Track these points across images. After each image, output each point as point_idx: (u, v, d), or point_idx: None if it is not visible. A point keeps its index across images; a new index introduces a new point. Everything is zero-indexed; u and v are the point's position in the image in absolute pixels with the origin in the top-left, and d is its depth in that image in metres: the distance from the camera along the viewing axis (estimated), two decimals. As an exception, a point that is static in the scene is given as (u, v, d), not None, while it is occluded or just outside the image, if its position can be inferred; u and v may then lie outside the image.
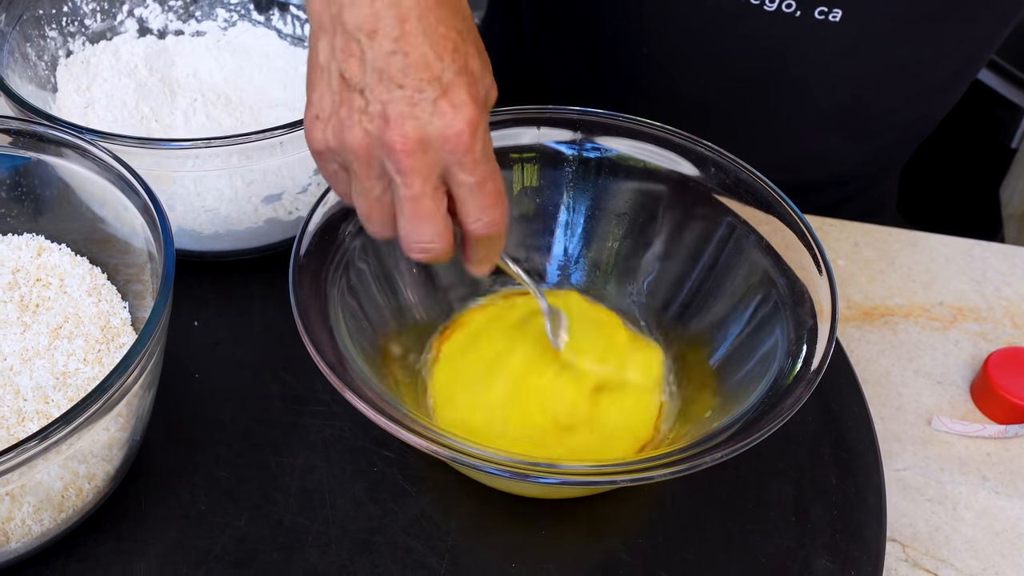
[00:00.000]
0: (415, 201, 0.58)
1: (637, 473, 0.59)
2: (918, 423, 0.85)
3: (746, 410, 0.64)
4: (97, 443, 0.65)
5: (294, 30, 0.97)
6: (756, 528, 0.72)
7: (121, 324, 0.74)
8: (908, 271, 0.97)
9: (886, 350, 0.90)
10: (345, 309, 0.70)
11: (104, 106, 0.88)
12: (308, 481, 0.73)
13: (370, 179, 0.58)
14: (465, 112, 0.56)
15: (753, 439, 0.60)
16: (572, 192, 0.80)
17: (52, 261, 0.76)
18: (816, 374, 0.63)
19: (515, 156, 0.79)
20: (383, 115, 0.56)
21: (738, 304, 0.74)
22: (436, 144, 0.56)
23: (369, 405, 0.61)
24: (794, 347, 0.67)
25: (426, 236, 0.59)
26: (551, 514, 0.72)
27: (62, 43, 0.91)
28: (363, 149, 0.57)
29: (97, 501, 0.68)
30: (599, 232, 0.81)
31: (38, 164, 0.75)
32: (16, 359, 0.70)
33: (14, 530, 0.64)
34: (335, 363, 0.63)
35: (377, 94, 0.56)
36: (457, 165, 0.57)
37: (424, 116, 0.56)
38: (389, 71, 0.55)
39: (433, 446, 0.59)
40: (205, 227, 0.82)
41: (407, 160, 0.56)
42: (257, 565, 0.68)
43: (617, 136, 0.78)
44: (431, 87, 0.56)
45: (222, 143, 0.75)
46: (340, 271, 0.71)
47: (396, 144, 0.56)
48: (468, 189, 0.58)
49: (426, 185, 0.57)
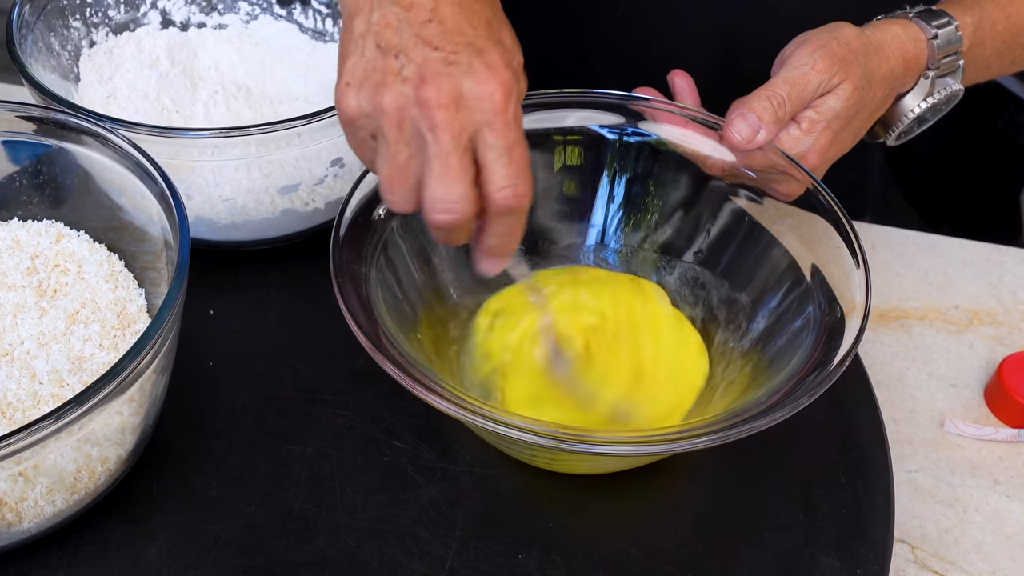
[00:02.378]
0: (444, 159, 0.57)
1: (674, 442, 0.61)
2: (931, 426, 0.85)
3: (779, 385, 0.65)
4: (110, 426, 0.66)
5: (315, 24, 0.98)
6: (764, 525, 0.72)
7: (137, 311, 0.75)
8: (925, 274, 0.97)
9: (901, 352, 0.90)
10: (383, 286, 0.70)
11: (126, 96, 0.90)
12: (319, 469, 0.73)
13: (399, 143, 0.58)
14: (500, 74, 0.57)
15: (790, 410, 0.61)
16: (612, 175, 0.81)
17: (71, 247, 0.78)
18: (849, 355, 0.64)
19: (558, 138, 0.80)
20: (419, 75, 0.57)
21: (770, 289, 0.75)
22: (470, 102, 0.57)
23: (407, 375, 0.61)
24: (826, 324, 0.68)
25: (453, 195, 0.58)
26: (559, 508, 0.73)
27: (85, 33, 0.93)
28: (396, 110, 0.58)
29: (109, 484, 0.69)
30: (637, 215, 0.82)
31: (59, 152, 0.77)
32: (33, 343, 0.71)
33: (27, 510, 0.65)
34: (372, 335, 0.64)
35: (413, 56, 0.57)
36: (487, 126, 0.58)
37: (459, 74, 0.57)
38: (425, 35, 0.57)
39: (470, 415, 0.60)
40: (222, 216, 0.83)
41: (440, 114, 0.57)
42: (266, 550, 0.69)
43: (659, 121, 0.79)
44: (466, 50, 0.57)
45: (240, 133, 0.76)
46: (378, 249, 0.72)
47: (431, 100, 0.56)
48: (496, 153, 0.58)
49: (457, 142, 0.57)
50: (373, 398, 0.77)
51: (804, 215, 0.74)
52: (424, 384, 0.61)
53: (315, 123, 0.77)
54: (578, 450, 0.60)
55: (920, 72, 0.82)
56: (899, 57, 0.80)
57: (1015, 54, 0.88)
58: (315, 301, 0.65)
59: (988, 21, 0.84)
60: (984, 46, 0.85)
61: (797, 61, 0.77)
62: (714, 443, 0.59)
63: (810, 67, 0.76)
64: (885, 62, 0.80)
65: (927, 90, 0.82)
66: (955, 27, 0.81)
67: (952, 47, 0.82)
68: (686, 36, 0.98)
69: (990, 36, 0.85)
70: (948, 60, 0.82)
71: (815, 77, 0.76)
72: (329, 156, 0.82)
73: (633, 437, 0.61)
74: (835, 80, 0.76)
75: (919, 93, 0.83)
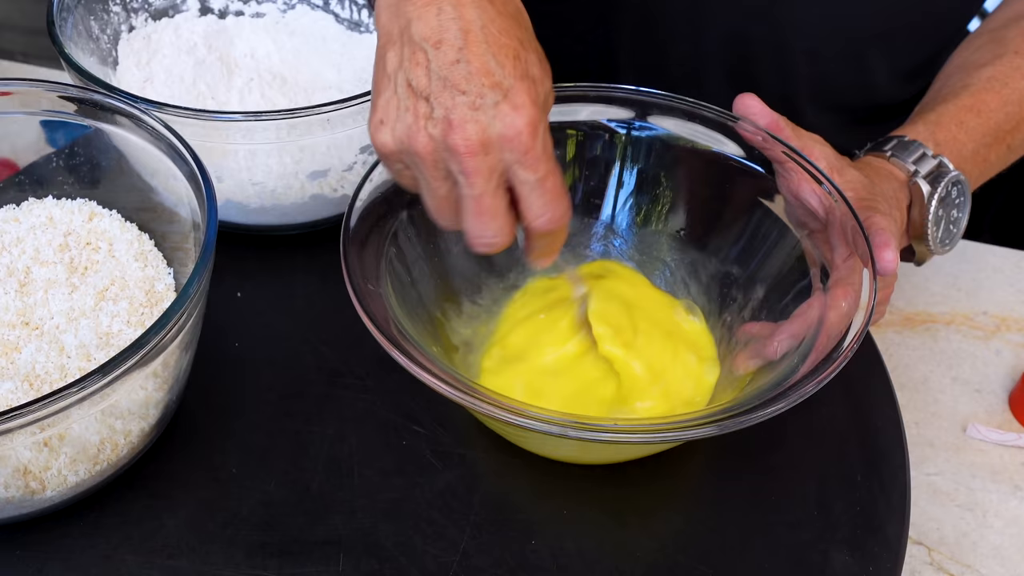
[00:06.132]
0: (478, 200, 0.61)
1: (686, 429, 0.62)
2: (953, 430, 0.85)
3: (785, 375, 0.66)
4: (134, 400, 0.68)
5: (351, 15, 1.00)
6: (778, 520, 0.73)
7: (165, 289, 0.77)
8: (954, 280, 0.97)
9: (925, 356, 0.91)
10: (393, 277, 0.72)
11: (162, 81, 0.92)
12: (338, 451, 0.75)
13: (436, 179, 0.62)
14: (525, 113, 0.60)
15: (793, 400, 0.62)
16: (620, 169, 0.82)
17: (102, 226, 0.80)
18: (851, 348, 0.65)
19: (571, 132, 0.82)
20: (447, 120, 0.60)
21: (778, 284, 0.76)
22: (497, 145, 0.60)
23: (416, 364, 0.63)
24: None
25: (489, 232, 0.63)
26: (573, 496, 0.74)
27: (125, 18, 0.95)
28: (428, 153, 0.61)
29: (132, 457, 0.71)
30: (644, 208, 0.83)
31: (96, 133, 0.79)
32: (63, 318, 0.73)
33: (50, 479, 0.67)
34: (383, 324, 0.66)
35: (441, 101, 0.60)
36: (518, 164, 0.61)
37: (485, 119, 0.59)
38: (453, 78, 0.59)
39: (479, 402, 0.62)
40: (252, 200, 0.85)
41: (470, 161, 0.60)
42: (282, 528, 0.70)
43: (668, 116, 0.80)
44: (492, 92, 0.59)
45: (271, 117, 0.78)
46: (388, 241, 0.73)
47: (459, 147, 0.60)
48: (530, 187, 0.62)
49: (488, 184, 0.61)
50: (395, 383, 0.78)
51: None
52: (427, 368, 0.63)
53: (345, 109, 0.79)
54: (580, 437, 0.61)
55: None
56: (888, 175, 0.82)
57: (1007, 142, 0.89)
58: (341, 286, 0.66)
59: (950, 136, 0.86)
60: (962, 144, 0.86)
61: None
62: (717, 432, 0.60)
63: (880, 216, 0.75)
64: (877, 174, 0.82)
65: (929, 190, 0.82)
66: (930, 154, 0.83)
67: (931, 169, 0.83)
68: (701, 38, 0.99)
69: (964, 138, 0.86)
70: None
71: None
72: (359, 143, 0.84)
73: (632, 426, 0.62)
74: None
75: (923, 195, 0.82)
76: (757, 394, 0.65)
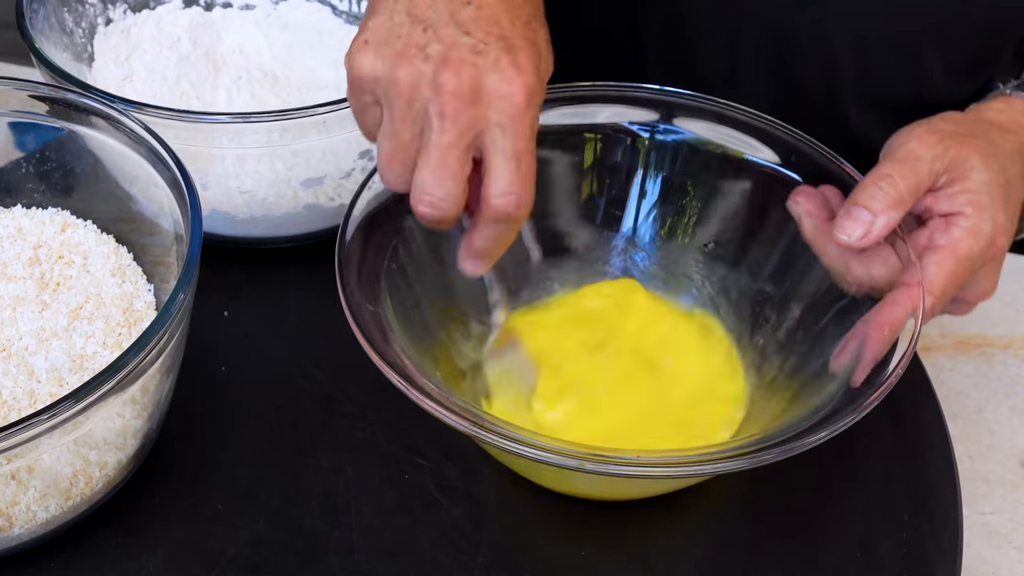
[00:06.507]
0: (444, 151, 0.60)
1: (716, 462, 0.61)
2: (1010, 464, 0.85)
3: (820, 406, 0.66)
4: (110, 429, 0.68)
5: (350, 7, 1.00)
6: (816, 563, 0.72)
7: (144, 307, 0.77)
8: (1012, 299, 0.97)
9: (980, 383, 0.90)
10: (393, 295, 0.72)
11: (143, 79, 0.92)
12: (333, 485, 0.75)
13: (404, 120, 0.61)
14: (526, 76, 0.59)
15: (832, 430, 0.61)
16: (643, 177, 0.82)
17: (76, 238, 0.80)
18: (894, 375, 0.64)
19: (589, 136, 0.82)
20: (443, 56, 0.59)
21: (816, 303, 0.75)
22: (488, 99, 0.59)
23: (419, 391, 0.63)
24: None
25: (441, 191, 0.61)
26: (592, 536, 0.73)
27: (102, 10, 0.95)
28: (410, 86, 0.60)
29: (108, 491, 0.71)
30: (669, 220, 0.83)
31: (69, 136, 0.79)
32: (32, 339, 0.73)
33: (18, 515, 0.67)
34: (382, 346, 0.66)
35: (442, 35, 0.59)
36: (500, 127, 0.60)
37: (484, 66, 0.59)
38: (460, 16, 0.59)
39: (488, 433, 0.61)
40: (240, 210, 0.85)
41: (453, 104, 0.59)
42: (272, 570, 0.70)
43: (697, 118, 0.80)
44: (497, 43, 0.59)
45: (261, 119, 0.78)
46: (388, 256, 0.73)
47: (448, 85, 0.58)
48: (505, 157, 0.60)
49: (460, 139, 0.60)
50: (395, 411, 0.77)
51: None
52: (430, 395, 0.63)
53: (343, 110, 0.79)
54: (598, 471, 0.60)
55: None
56: (1020, 129, 0.79)
57: None
58: (337, 305, 0.66)
59: None
60: None
61: (899, 142, 0.74)
62: (749, 465, 0.60)
63: (916, 141, 0.73)
64: (1008, 134, 0.77)
65: None
66: None
67: None
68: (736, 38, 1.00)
69: None
70: None
71: (924, 151, 0.72)
72: (358, 148, 0.84)
73: (657, 459, 0.62)
74: (951, 154, 0.73)
75: None
76: (792, 424, 0.65)
